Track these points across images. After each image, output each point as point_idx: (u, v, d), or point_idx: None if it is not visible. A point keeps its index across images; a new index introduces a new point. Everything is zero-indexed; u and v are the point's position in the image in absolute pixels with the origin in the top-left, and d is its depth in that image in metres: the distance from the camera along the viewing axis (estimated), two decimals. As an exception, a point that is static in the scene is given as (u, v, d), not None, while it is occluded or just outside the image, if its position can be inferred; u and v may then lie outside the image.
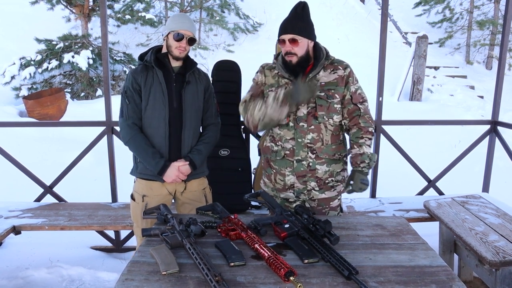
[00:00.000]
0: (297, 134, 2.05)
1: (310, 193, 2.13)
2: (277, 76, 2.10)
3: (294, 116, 2.04)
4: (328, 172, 2.10)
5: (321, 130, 2.04)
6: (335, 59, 2.11)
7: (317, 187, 2.11)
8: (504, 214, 2.68)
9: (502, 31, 3.44)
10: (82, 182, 4.23)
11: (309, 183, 2.10)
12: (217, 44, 10.33)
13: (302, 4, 1.99)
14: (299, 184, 2.11)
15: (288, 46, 1.97)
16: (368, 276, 1.43)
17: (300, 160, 2.07)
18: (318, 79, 2.04)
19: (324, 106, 2.03)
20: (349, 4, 12.15)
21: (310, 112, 2.03)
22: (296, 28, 1.96)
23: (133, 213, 2.29)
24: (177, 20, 2.12)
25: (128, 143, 2.16)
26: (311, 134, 2.04)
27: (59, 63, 7.92)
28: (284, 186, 2.14)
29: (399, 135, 3.63)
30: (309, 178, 2.09)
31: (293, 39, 1.96)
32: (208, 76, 2.33)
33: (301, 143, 2.05)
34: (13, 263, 3.04)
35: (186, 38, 2.11)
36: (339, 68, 2.06)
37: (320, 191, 2.12)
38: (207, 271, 1.35)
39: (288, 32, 1.96)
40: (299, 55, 1.98)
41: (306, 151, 2.06)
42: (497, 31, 10.13)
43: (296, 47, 1.97)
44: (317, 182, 2.10)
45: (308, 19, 2.01)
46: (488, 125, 3.55)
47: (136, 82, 2.13)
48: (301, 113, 2.03)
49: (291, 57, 1.99)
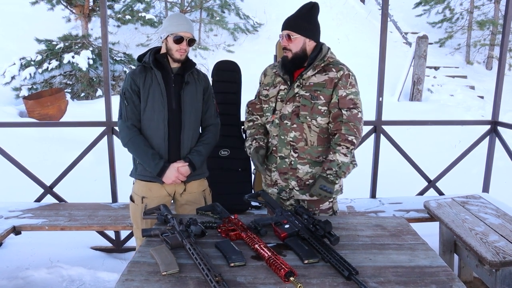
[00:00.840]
0: (281, 131, 2.08)
1: (291, 192, 2.14)
2: (274, 75, 2.16)
3: (279, 114, 2.08)
4: (310, 173, 2.09)
5: (304, 130, 2.05)
6: (334, 61, 2.07)
7: (297, 187, 2.11)
8: (504, 215, 2.68)
9: (502, 31, 3.44)
10: (82, 182, 4.23)
11: (290, 182, 2.12)
12: (217, 44, 10.33)
13: (310, 4, 2.02)
14: (281, 181, 2.14)
15: (284, 42, 2.04)
16: (368, 277, 1.43)
17: (283, 157, 2.10)
18: (306, 79, 2.04)
19: (308, 106, 2.02)
20: (349, 4, 12.15)
21: (294, 110, 2.05)
22: (292, 24, 2.02)
23: (133, 215, 2.28)
24: (175, 22, 2.11)
25: (127, 145, 2.16)
26: (294, 133, 2.06)
27: (59, 63, 7.93)
28: (270, 181, 2.19)
29: (399, 135, 3.63)
30: (290, 176, 2.11)
31: (288, 35, 2.02)
32: (207, 77, 2.32)
33: (284, 140, 2.08)
34: (13, 263, 3.04)
35: (186, 40, 2.10)
36: (332, 70, 2.03)
37: (301, 192, 2.11)
38: (207, 272, 1.35)
39: (285, 27, 2.04)
40: (293, 51, 2.03)
41: (288, 149, 2.08)
42: (497, 31, 10.13)
43: (290, 43, 2.02)
44: (297, 181, 2.10)
45: (311, 19, 2.02)
46: (488, 125, 3.55)
47: (135, 84, 2.12)
48: (286, 111, 2.06)
49: (287, 53, 2.05)
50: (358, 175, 2.06)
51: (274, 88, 2.13)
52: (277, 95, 2.10)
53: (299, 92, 2.04)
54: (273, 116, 2.10)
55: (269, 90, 2.15)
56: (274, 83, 2.14)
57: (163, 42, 2.16)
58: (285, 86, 2.09)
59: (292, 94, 2.05)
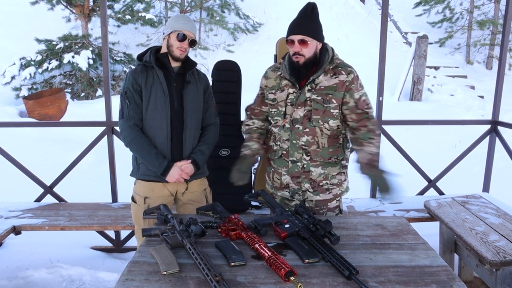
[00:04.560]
0: (292, 136, 2.04)
1: (305, 194, 2.13)
2: (279, 78, 2.09)
3: (290, 118, 2.04)
4: (322, 174, 2.08)
5: (316, 134, 2.03)
6: (340, 63, 2.05)
7: (311, 189, 2.10)
8: (505, 214, 2.68)
9: (502, 31, 3.44)
10: (82, 182, 4.23)
11: (303, 184, 2.10)
12: (217, 44, 10.33)
13: (312, 5, 1.97)
14: (293, 185, 2.12)
15: (297, 47, 1.94)
16: (368, 276, 1.43)
17: (295, 161, 2.07)
18: (317, 83, 2.01)
19: (320, 110, 2.00)
20: (349, 4, 12.14)
21: (306, 115, 2.01)
22: (306, 29, 1.94)
23: (135, 216, 2.26)
24: (181, 21, 2.12)
25: (129, 145, 2.14)
26: (306, 137, 2.03)
27: (59, 63, 7.92)
28: (280, 185, 2.16)
29: (400, 135, 3.63)
30: (303, 180, 2.09)
31: (302, 40, 1.93)
32: (207, 77, 2.33)
33: (295, 145, 2.05)
34: (13, 263, 3.04)
35: (188, 39, 2.11)
36: (342, 73, 2.01)
37: (315, 193, 2.11)
38: (207, 271, 1.35)
39: (298, 32, 1.93)
40: (307, 56, 1.95)
41: (301, 153, 2.05)
42: (497, 31, 10.13)
43: (305, 48, 1.94)
44: (311, 184, 2.09)
45: (317, 20, 1.99)
46: (489, 125, 3.55)
47: (136, 83, 2.11)
48: (297, 115, 2.02)
49: (298, 58, 1.96)
50: (358, 175, 2.05)
51: (282, 92, 2.07)
52: (286, 99, 2.05)
53: (311, 96, 2.00)
54: (284, 121, 2.06)
55: (276, 94, 2.09)
56: (280, 86, 2.08)
57: (164, 39, 2.16)
58: (294, 90, 2.04)
59: (303, 99, 2.01)
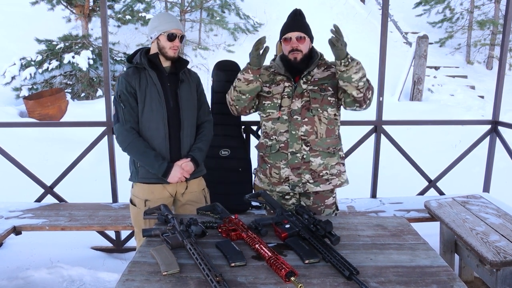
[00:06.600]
0: (291, 127, 2.12)
1: (305, 186, 2.16)
2: (272, 73, 2.22)
3: (288, 110, 2.13)
4: (322, 165, 2.15)
5: (315, 123, 2.12)
6: (328, 61, 2.24)
7: (311, 180, 2.15)
8: (505, 214, 2.68)
9: (502, 31, 3.44)
10: (82, 182, 4.23)
11: (304, 176, 2.15)
12: (218, 44, 10.33)
13: (299, 10, 2.16)
14: (293, 177, 2.15)
15: (294, 43, 2.09)
16: (369, 276, 1.43)
17: (294, 152, 2.13)
18: (312, 75, 2.15)
19: (318, 99, 2.12)
20: (349, 4, 12.14)
21: (304, 105, 2.12)
22: (302, 26, 2.12)
23: (134, 219, 2.25)
24: (165, 20, 2.14)
25: (127, 149, 2.12)
26: (305, 127, 2.11)
27: (59, 64, 7.92)
28: (279, 179, 2.19)
29: (400, 135, 3.63)
30: (303, 171, 2.14)
31: (300, 36, 2.09)
32: (197, 74, 2.35)
33: (295, 135, 2.12)
34: (13, 264, 3.04)
35: (178, 37, 2.14)
36: (332, 67, 2.19)
37: (315, 184, 2.16)
38: (208, 272, 1.35)
39: (295, 29, 2.11)
40: (304, 52, 2.11)
41: (300, 144, 2.12)
42: (498, 31, 10.12)
43: (302, 44, 2.10)
44: (312, 174, 2.15)
45: (306, 22, 2.18)
46: (489, 125, 3.54)
47: (130, 85, 2.10)
48: (295, 107, 2.12)
49: (296, 54, 2.10)
50: (358, 175, 2.07)
51: (278, 86, 2.18)
52: (283, 92, 2.16)
53: (307, 88, 2.13)
54: (279, 113, 2.14)
55: (271, 87, 2.19)
56: (275, 81, 2.20)
57: (153, 42, 2.16)
58: (289, 83, 2.16)
59: (300, 90, 2.13)
